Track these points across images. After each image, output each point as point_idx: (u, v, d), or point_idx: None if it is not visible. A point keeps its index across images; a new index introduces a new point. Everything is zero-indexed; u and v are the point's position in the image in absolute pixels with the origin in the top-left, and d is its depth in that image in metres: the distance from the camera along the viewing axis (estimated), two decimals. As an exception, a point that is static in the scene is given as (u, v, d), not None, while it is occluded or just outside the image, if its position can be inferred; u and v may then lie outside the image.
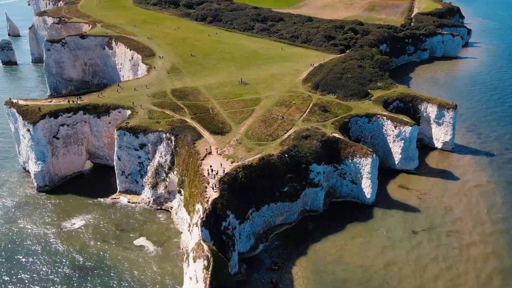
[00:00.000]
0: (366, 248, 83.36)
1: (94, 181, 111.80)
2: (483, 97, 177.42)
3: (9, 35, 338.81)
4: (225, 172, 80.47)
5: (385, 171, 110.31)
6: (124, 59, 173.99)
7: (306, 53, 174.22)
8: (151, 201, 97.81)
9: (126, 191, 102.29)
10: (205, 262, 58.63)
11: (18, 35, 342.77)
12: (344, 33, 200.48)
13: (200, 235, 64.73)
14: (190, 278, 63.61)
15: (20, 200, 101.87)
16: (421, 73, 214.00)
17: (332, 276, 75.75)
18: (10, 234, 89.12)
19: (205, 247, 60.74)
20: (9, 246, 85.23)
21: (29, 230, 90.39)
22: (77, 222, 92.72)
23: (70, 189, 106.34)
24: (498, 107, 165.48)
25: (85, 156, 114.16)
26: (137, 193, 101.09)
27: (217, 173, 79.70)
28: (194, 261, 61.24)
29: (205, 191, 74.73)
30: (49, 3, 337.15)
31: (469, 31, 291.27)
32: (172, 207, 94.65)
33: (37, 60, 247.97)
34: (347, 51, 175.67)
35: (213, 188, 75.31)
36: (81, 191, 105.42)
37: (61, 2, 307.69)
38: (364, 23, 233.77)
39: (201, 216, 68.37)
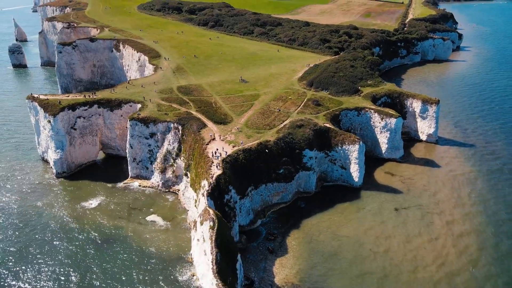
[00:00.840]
0: (353, 222, 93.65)
1: (107, 169, 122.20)
2: (472, 96, 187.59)
3: (16, 40, 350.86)
4: (228, 154, 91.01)
5: (373, 160, 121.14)
6: (131, 61, 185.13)
7: (303, 55, 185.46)
8: (160, 185, 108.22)
9: (137, 177, 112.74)
10: (211, 223, 68.98)
11: (25, 40, 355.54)
12: (339, 36, 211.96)
13: (206, 203, 75.14)
14: (198, 240, 73.97)
15: (40, 185, 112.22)
16: (413, 75, 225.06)
17: (322, 245, 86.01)
18: (35, 212, 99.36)
19: (211, 212, 71.15)
20: (34, 222, 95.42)
21: (51, 209, 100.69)
22: (94, 202, 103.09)
23: (85, 176, 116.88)
24: (485, 106, 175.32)
25: (99, 146, 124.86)
26: (147, 178, 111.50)
27: (220, 155, 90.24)
28: (201, 224, 71.60)
29: (210, 169, 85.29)
30: (56, 10, 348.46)
31: (460, 35, 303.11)
32: (179, 190, 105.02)
33: (46, 63, 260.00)
34: (341, 53, 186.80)
35: (217, 167, 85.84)
36: (95, 177, 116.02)
37: (68, 8, 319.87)
38: (359, 28, 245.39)
39: (207, 188, 78.82)
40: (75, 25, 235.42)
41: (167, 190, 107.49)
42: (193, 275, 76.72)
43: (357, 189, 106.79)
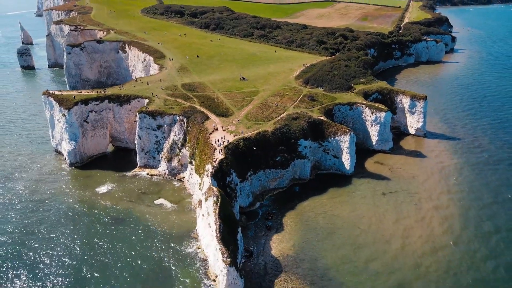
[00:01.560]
0: (344, 205, 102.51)
1: (116, 160, 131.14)
2: (463, 96, 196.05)
3: (22, 43, 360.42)
4: (229, 142, 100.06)
5: (364, 151, 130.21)
6: (136, 61, 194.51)
7: (300, 56, 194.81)
8: (167, 173, 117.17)
9: (145, 166, 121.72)
10: (215, 199, 77.88)
11: (31, 43, 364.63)
12: (335, 38, 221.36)
13: (210, 182, 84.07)
14: (203, 215, 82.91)
15: (55, 174, 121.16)
16: (406, 75, 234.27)
17: (315, 223, 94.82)
18: (50, 196, 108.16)
19: (214, 189, 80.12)
20: (49, 204, 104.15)
21: (65, 194, 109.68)
22: (105, 188, 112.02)
23: (96, 166, 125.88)
24: (476, 104, 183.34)
25: (109, 139, 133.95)
26: (155, 167, 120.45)
27: (222, 143, 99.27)
28: (206, 200, 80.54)
29: (213, 155, 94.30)
30: (61, 14, 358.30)
31: (453, 38, 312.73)
32: (184, 177, 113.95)
33: (53, 65, 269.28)
34: (336, 54, 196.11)
35: (219, 152, 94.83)
36: (106, 167, 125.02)
37: (73, 12, 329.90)
38: (355, 30, 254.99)
39: (211, 170, 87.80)
40: (81, 28, 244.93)
41: (173, 178, 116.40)
42: (198, 248, 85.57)
43: (349, 177, 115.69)
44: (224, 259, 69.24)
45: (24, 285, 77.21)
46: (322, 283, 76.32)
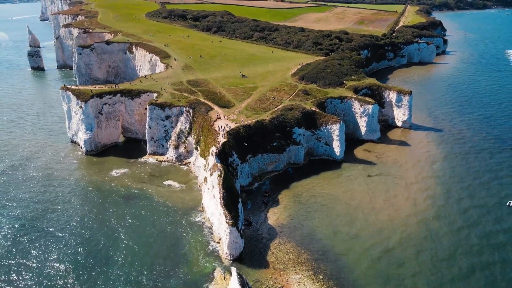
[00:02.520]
0: (333, 184, 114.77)
1: (127, 149, 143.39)
2: (452, 94, 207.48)
3: (30, 46, 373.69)
4: (231, 128, 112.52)
5: (354, 141, 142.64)
6: (143, 61, 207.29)
7: (297, 56, 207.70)
8: (174, 159, 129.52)
9: (154, 153, 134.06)
10: (219, 173, 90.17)
11: (38, 46, 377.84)
12: (330, 40, 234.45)
13: (215, 160, 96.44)
14: (208, 188, 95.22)
15: (73, 161, 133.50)
16: (398, 75, 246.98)
17: (306, 199, 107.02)
18: (68, 178, 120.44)
19: (218, 165, 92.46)
20: (72, 189, 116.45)
21: (83, 176, 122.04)
22: (119, 172, 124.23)
23: (109, 154, 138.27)
24: (464, 102, 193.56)
25: (120, 130, 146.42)
26: (163, 154, 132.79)
27: (225, 129, 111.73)
28: (211, 175, 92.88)
29: (217, 138, 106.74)
30: (68, 18, 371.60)
31: (445, 41, 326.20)
32: (190, 162, 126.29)
33: (62, 66, 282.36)
34: (331, 54, 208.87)
35: (222, 136, 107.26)
36: (118, 154, 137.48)
37: (80, 16, 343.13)
38: (349, 33, 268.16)
39: (215, 151, 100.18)
40: (90, 30, 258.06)
41: (180, 163, 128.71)
42: (204, 218, 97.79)
43: (339, 162, 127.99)
44: (227, 220, 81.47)
45: (39, 254, 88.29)
46: (312, 245, 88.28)
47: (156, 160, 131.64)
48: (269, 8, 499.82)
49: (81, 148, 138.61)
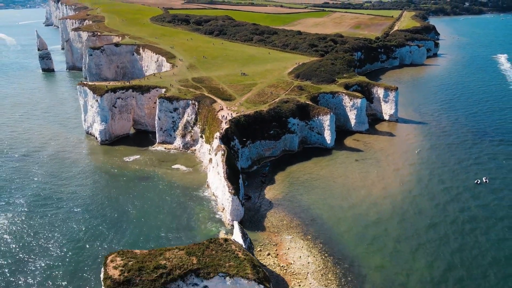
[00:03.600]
0: (324, 167, 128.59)
1: (138, 139, 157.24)
2: (440, 93, 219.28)
3: (38, 49, 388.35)
4: (233, 117, 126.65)
5: (345, 132, 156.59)
6: (150, 62, 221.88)
7: (293, 57, 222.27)
8: (181, 147, 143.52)
9: (163, 142, 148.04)
10: (222, 152, 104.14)
11: (45, 49, 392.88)
12: (325, 42, 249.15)
13: (219, 142, 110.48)
14: (213, 167, 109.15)
15: (89, 149, 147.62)
16: (390, 76, 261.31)
17: (300, 178, 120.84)
18: (86, 164, 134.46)
19: (222, 146, 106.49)
20: (91, 171, 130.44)
21: (99, 162, 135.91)
22: (131, 158, 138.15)
23: (122, 143, 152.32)
24: (451, 100, 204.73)
25: (131, 122, 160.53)
26: (171, 142, 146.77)
27: (227, 117, 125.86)
28: (215, 154, 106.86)
29: (220, 125, 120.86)
30: (75, 22, 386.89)
31: (436, 44, 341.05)
32: (195, 149, 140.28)
33: (71, 68, 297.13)
34: (325, 55, 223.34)
35: (225, 124, 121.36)
36: (130, 144, 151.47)
37: (87, 21, 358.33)
38: (345, 36, 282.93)
39: (219, 135, 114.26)
40: (99, 33, 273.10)
41: (186, 151, 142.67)
42: (209, 194, 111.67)
43: (330, 149, 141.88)
44: (230, 190, 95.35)
45: (60, 224, 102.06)
46: (303, 214, 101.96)
47: (165, 148, 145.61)
48: (269, 13, 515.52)
49: (96, 138, 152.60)
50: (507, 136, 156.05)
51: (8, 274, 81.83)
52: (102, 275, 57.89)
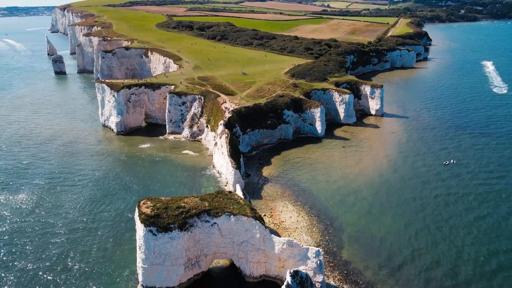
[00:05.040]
0: (314, 152, 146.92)
1: (149, 131, 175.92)
2: (426, 93, 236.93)
3: (48, 54, 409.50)
4: (234, 108, 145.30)
5: (335, 124, 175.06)
6: (158, 64, 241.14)
7: (290, 59, 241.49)
8: (189, 136, 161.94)
9: (172, 133, 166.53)
10: (226, 135, 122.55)
11: (57, 54, 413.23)
12: (320, 46, 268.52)
13: (223, 127, 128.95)
14: (218, 149, 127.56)
15: (106, 138, 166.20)
16: (381, 77, 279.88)
17: (292, 160, 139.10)
18: (106, 150, 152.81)
19: (226, 130, 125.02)
20: (110, 153, 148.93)
21: (116, 149, 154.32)
22: (145, 145, 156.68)
23: (135, 134, 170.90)
24: (436, 99, 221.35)
25: (143, 116, 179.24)
26: (179, 133, 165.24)
27: (229, 109, 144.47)
28: (220, 137, 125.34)
29: (224, 114, 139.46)
30: (84, 29, 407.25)
31: (426, 48, 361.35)
32: (202, 138, 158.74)
33: (82, 71, 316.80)
34: (320, 58, 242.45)
35: (228, 113, 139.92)
36: (143, 134, 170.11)
37: (95, 27, 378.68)
38: (339, 41, 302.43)
39: (223, 122, 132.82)
40: (109, 38, 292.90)
41: (193, 140, 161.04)
42: (215, 172, 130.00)
43: (320, 138, 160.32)
44: (232, 165, 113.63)
45: (81, 190, 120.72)
46: (295, 187, 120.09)
47: (174, 138, 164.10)
48: (269, 20, 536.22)
49: (113, 130, 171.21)
50: (483, 130, 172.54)
51: (42, 222, 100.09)
52: (136, 214, 76.07)
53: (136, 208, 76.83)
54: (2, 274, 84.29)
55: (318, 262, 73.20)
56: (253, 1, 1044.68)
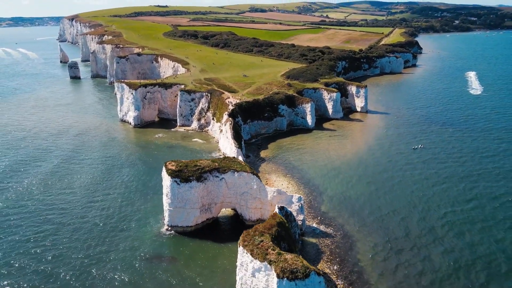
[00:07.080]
0: (305, 141, 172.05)
1: (162, 124, 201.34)
2: (411, 95, 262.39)
3: (61, 62, 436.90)
4: (237, 102, 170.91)
5: (324, 119, 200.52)
6: (167, 68, 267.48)
7: (286, 64, 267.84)
8: (197, 128, 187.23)
9: (183, 125, 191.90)
10: (230, 122, 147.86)
11: (66, 62, 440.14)
12: (315, 53, 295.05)
13: (227, 117, 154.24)
14: (223, 134, 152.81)
15: (125, 130, 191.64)
16: (370, 81, 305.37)
17: (287, 147, 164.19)
18: (126, 139, 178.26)
19: (230, 118, 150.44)
20: (129, 141, 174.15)
21: (136, 138, 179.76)
22: (159, 135, 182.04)
23: (150, 127, 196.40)
24: (419, 100, 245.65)
25: (157, 111, 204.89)
26: (189, 125, 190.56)
27: (232, 103, 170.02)
28: (225, 125, 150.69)
29: (228, 107, 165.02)
30: (94, 37, 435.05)
31: (415, 56, 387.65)
32: (208, 129, 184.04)
33: (95, 76, 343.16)
34: (313, 63, 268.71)
35: (231, 106, 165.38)
36: (156, 127, 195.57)
37: (105, 36, 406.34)
38: (332, 48, 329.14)
39: (227, 113, 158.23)
40: (121, 45, 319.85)
41: (201, 131, 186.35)
42: (220, 154, 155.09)
43: (311, 129, 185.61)
44: (235, 146, 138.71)
45: (110, 170, 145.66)
46: (286, 165, 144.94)
47: (184, 129, 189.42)
48: (268, 30, 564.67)
49: (130, 123, 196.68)
50: (455, 124, 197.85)
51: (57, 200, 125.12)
52: (164, 170, 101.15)
53: (163, 167, 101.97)
54: (53, 225, 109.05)
55: (300, 205, 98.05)
56: (254, 12, 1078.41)
